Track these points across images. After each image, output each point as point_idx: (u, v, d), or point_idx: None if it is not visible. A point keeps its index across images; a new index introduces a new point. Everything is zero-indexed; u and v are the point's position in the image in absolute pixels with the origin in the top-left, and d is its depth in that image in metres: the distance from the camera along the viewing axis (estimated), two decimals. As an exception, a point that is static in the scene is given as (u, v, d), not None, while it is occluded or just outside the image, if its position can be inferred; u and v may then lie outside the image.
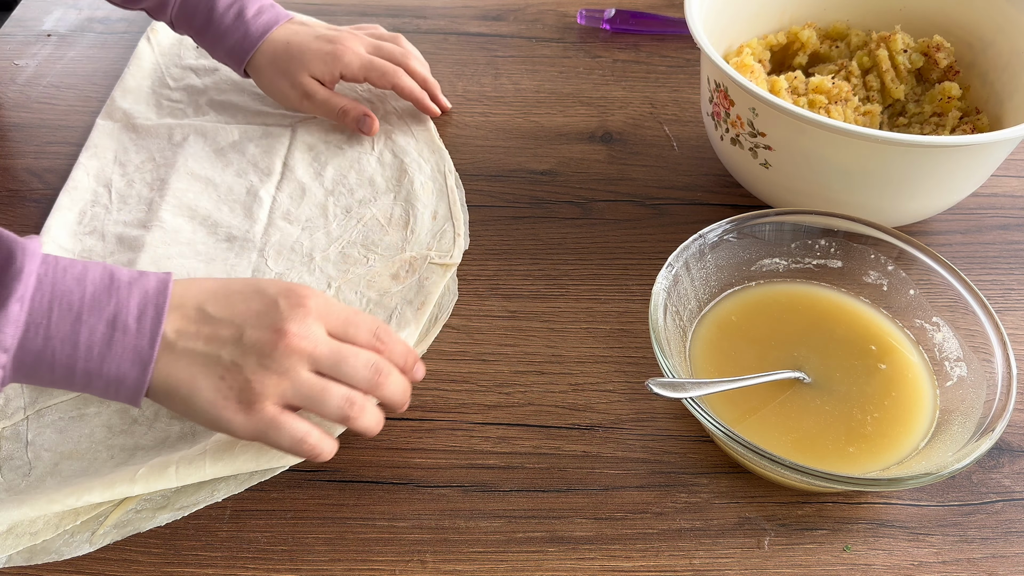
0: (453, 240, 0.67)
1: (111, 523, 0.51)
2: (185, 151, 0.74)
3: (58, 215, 0.68)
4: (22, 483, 0.52)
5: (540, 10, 0.92)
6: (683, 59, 0.86)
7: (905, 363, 0.57)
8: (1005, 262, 0.68)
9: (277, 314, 0.49)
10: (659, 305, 0.54)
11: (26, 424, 0.55)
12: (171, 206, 0.69)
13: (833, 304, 0.60)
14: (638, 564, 0.50)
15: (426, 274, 0.64)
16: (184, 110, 0.78)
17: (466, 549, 0.51)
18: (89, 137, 0.75)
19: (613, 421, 0.57)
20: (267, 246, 0.67)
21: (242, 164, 0.73)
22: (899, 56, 0.70)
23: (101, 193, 0.71)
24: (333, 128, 0.76)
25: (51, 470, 0.53)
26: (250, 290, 0.50)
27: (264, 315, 0.49)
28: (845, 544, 0.52)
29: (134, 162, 0.73)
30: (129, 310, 0.46)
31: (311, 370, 0.49)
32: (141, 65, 0.82)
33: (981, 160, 0.60)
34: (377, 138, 0.76)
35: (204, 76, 0.82)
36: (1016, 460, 0.56)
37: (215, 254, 0.66)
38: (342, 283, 0.64)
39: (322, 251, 0.66)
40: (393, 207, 0.70)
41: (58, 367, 0.46)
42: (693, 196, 0.72)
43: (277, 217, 0.69)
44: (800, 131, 0.59)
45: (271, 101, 0.79)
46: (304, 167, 0.73)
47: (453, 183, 0.72)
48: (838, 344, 0.58)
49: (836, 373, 0.56)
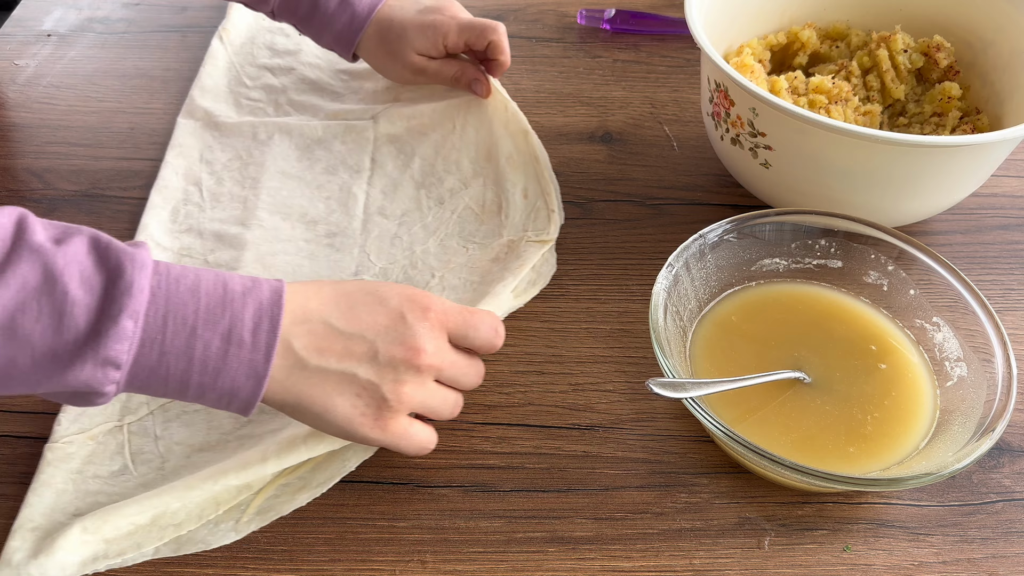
0: (548, 216, 0.68)
1: (254, 510, 0.52)
2: (272, 149, 0.74)
3: (152, 213, 0.69)
4: (156, 476, 0.53)
5: (540, 10, 0.92)
6: (683, 59, 0.86)
7: (905, 363, 0.57)
8: (1005, 262, 0.68)
9: (406, 328, 0.49)
10: (659, 305, 0.54)
11: (152, 419, 0.56)
12: (267, 204, 0.70)
13: (833, 304, 0.60)
14: (638, 564, 0.50)
15: (525, 250, 0.65)
16: (264, 108, 0.79)
17: (466, 549, 0.51)
18: (173, 136, 0.75)
19: (613, 421, 0.57)
20: (367, 242, 0.68)
21: (331, 161, 0.74)
22: (899, 56, 0.70)
23: (192, 191, 0.71)
24: (413, 114, 0.76)
25: (184, 463, 0.53)
26: (371, 299, 0.50)
27: (393, 330, 0.49)
28: (845, 544, 0.52)
29: (220, 160, 0.74)
30: (244, 323, 0.45)
31: (435, 380, 0.51)
32: (216, 64, 0.83)
33: (981, 160, 0.60)
34: (457, 112, 0.76)
35: (280, 75, 0.82)
36: (1016, 460, 0.56)
37: (317, 251, 0.67)
38: (445, 272, 0.65)
39: (422, 244, 0.67)
40: (484, 192, 0.71)
41: (172, 380, 0.45)
42: (693, 196, 0.72)
43: (373, 212, 0.70)
44: (800, 131, 0.59)
45: (349, 97, 0.79)
46: (392, 161, 0.74)
47: (535, 144, 0.72)
48: (838, 344, 0.58)
49: (836, 373, 0.56)
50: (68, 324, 0.42)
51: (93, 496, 0.51)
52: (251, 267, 0.65)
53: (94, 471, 0.53)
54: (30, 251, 0.42)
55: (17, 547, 0.49)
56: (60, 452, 0.53)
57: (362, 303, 0.49)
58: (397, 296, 0.50)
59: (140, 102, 0.81)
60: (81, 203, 0.71)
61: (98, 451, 0.54)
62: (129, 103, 0.81)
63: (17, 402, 0.57)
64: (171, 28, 0.89)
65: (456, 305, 0.52)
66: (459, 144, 0.74)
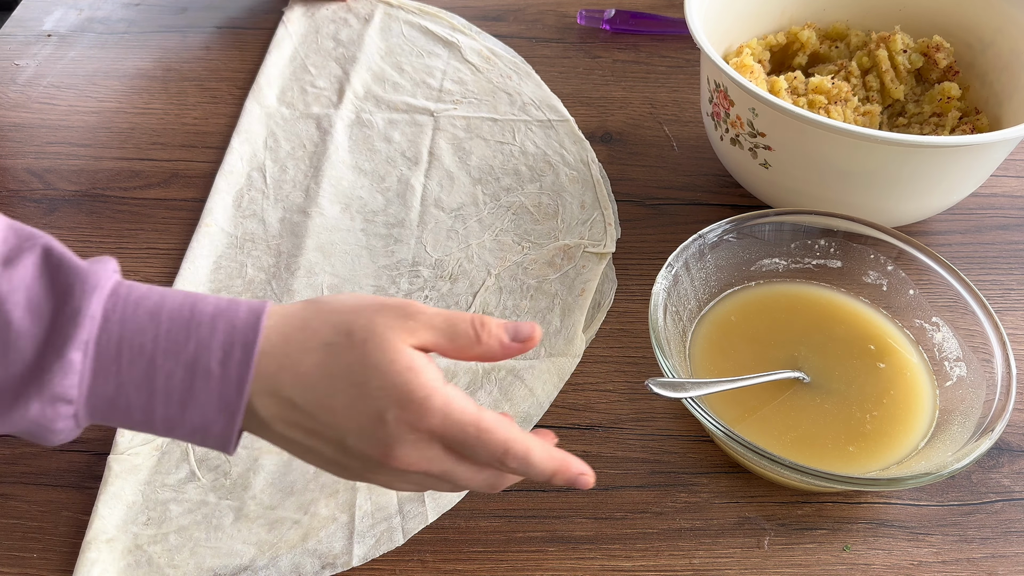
0: (604, 229, 0.68)
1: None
2: (334, 139, 0.75)
3: (217, 198, 0.70)
4: (227, 482, 0.53)
5: (540, 10, 0.92)
6: (683, 59, 0.86)
7: (904, 363, 0.57)
8: (1004, 262, 0.68)
9: (385, 433, 0.40)
10: (659, 305, 0.54)
11: None
12: (328, 194, 0.70)
13: (833, 304, 0.60)
14: (638, 564, 0.50)
15: (582, 262, 0.66)
16: (329, 98, 0.79)
17: (466, 549, 0.51)
18: (239, 122, 0.77)
19: (613, 421, 0.57)
20: (424, 233, 0.68)
21: (390, 152, 0.74)
22: (899, 56, 0.70)
23: (256, 178, 0.72)
24: (470, 125, 0.77)
25: (251, 466, 0.54)
26: (355, 393, 0.41)
27: (369, 432, 0.41)
28: (845, 544, 0.52)
29: (284, 148, 0.75)
30: (211, 351, 0.40)
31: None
32: (282, 53, 0.84)
33: (980, 160, 0.60)
34: (518, 129, 0.77)
35: (346, 64, 0.83)
36: (1016, 460, 0.56)
37: (375, 243, 0.67)
38: (501, 270, 0.65)
39: (477, 239, 0.68)
40: (540, 196, 0.71)
41: (135, 413, 0.40)
42: (693, 196, 0.72)
43: (430, 205, 0.70)
44: (800, 131, 0.59)
45: (412, 90, 0.80)
46: (450, 155, 0.74)
47: (597, 173, 0.73)
48: (838, 344, 0.58)
49: (835, 373, 0.56)
50: (13, 358, 0.38)
51: (164, 505, 0.52)
52: (311, 255, 0.66)
53: (162, 480, 0.53)
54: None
55: (94, 559, 0.49)
56: (127, 464, 0.53)
57: (342, 393, 0.41)
58: (387, 396, 0.40)
59: (140, 102, 0.81)
60: (81, 203, 0.71)
61: (163, 460, 0.54)
62: (129, 103, 0.81)
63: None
64: (171, 28, 0.89)
65: (469, 414, 0.41)
66: (517, 154, 0.75)
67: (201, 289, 0.63)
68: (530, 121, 0.77)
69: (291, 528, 0.51)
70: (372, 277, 0.65)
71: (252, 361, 0.40)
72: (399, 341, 0.41)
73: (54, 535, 0.51)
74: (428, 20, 0.88)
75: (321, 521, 0.51)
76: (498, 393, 0.57)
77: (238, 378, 0.40)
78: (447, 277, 0.65)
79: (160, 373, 0.39)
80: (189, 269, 0.64)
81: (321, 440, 0.42)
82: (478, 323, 0.43)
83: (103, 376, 0.39)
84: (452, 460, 0.42)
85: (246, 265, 0.65)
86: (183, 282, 0.63)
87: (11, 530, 0.52)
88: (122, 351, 0.39)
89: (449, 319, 0.43)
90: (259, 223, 0.69)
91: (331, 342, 0.41)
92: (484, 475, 0.43)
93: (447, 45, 0.85)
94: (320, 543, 0.50)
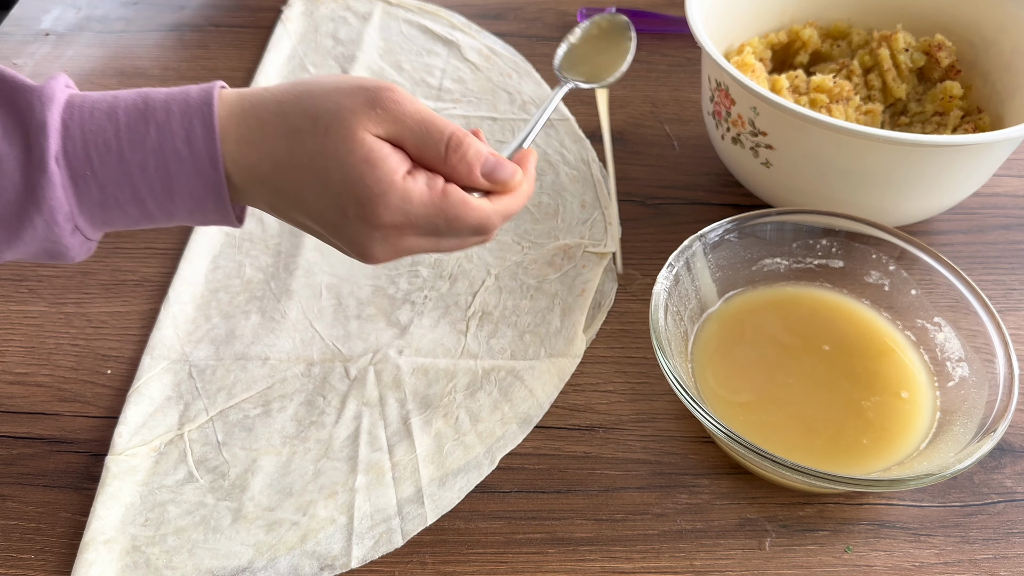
0: (605, 229, 0.68)
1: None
2: None
3: None
4: (225, 483, 0.53)
5: (540, 9, 0.92)
6: (684, 58, 0.86)
7: (906, 363, 0.57)
8: (1007, 262, 0.68)
9: (351, 232, 0.41)
10: (660, 305, 0.54)
11: (211, 426, 0.55)
12: None
13: (834, 304, 0.60)
14: (638, 565, 0.50)
15: (583, 262, 0.65)
16: None
17: (466, 550, 0.51)
18: None
19: (613, 422, 0.57)
20: None
21: None
22: (901, 55, 0.69)
23: None
24: (473, 119, 0.77)
25: (250, 467, 0.53)
26: (319, 185, 0.40)
27: (338, 229, 0.41)
28: (846, 545, 0.51)
29: None
30: (173, 132, 0.40)
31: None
32: (280, 51, 0.84)
33: (983, 159, 0.60)
34: (518, 128, 0.76)
35: (345, 62, 0.83)
36: (1018, 461, 0.56)
37: None
38: (500, 270, 0.65)
39: None
40: (540, 195, 0.71)
41: (130, 209, 0.41)
42: (694, 196, 0.72)
43: None
44: (801, 130, 0.59)
45: (412, 89, 0.80)
46: None
47: (598, 172, 0.73)
48: (839, 344, 0.57)
49: (836, 373, 0.56)
50: (5, 184, 0.39)
51: (162, 506, 0.52)
52: (310, 255, 0.66)
53: (160, 481, 0.53)
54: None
55: (92, 560, 0.49)
56: (124, 465, 0.53)
57: (308, 185, 0.41)
58: (345, 192, 0.40)
59: (139, 101, 0.80)
60: (79, 202, 0.71)
61: (162, 461, 0.54)
62: (128, 102, 0.80)
63: (15, 403, 0.57)
64: (169, 27, 0.89)
65: (433, 206, 0.41)
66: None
67: (199, 290, 0.63)
68: (530, 120, 0.77)
69: (290, 529, 0.51)
70: (371, 277, 0.65)
71: (215, 134, 0.40)
72: (360, 129, 0.40)
73: (52, 536, 0.51)
74: (427, 18, 0.88)
75: (320, 522, 0.51)
76: (498, 393, 0.57)
77: (209, 154, 0.40)
78: (446, 277, 0.65)
79: (133, 166, 0.40)
80: (187, 269, 0.64)
81: (315, 227, 0.42)
82: (454, 142, 0.41)
83: (82, 182, 0.40)
84: (432, 241, 0.42)
85: (244, 265, 0.65)
86: (181, 282, 0.63)
87: (8, 531, 0.51)
88: (89, 153, 0.40)
89: (425, 123, 0.41)
90: (257, 223, 0.68)
91: (298, 127, 0.41)
92: (470, 241, 0.44)
93: (446, 43, 0.85)
94: (319, 545, 0.50)
